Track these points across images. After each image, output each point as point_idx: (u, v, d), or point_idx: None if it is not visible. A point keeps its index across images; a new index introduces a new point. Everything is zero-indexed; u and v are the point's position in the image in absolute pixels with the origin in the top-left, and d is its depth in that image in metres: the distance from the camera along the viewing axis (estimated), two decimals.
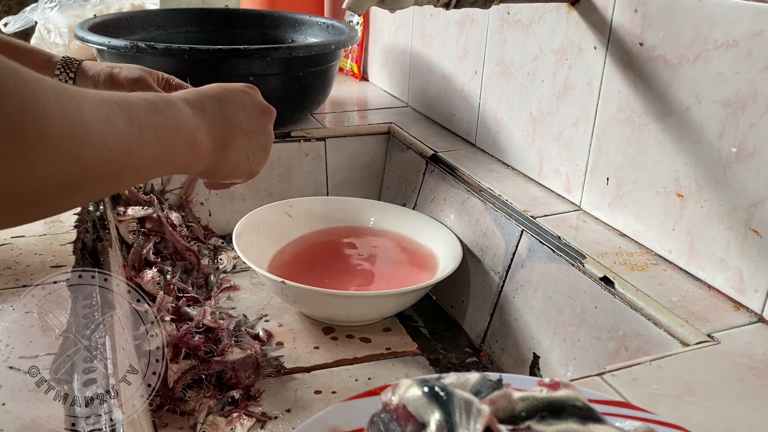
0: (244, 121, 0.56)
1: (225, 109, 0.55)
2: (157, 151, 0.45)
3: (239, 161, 0.57)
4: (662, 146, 0.66)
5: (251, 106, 0.58)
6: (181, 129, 0.49)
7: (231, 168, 0.57)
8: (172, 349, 0.68)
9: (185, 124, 0.49)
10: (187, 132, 0.50)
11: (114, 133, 0.39)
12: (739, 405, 0.47)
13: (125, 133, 0.40)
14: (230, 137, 0.55)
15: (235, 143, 0.55)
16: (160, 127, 0.45)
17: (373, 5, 0.64)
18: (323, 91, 1.09)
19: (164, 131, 0.46)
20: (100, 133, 0.37)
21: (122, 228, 0.85)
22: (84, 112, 0.36)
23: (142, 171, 0.45)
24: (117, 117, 0.40)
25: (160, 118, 0.46)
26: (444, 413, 0.29)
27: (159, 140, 0.45)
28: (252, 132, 0.57)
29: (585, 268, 0.67)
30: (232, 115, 0.55)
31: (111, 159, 0.39)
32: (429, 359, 0.78)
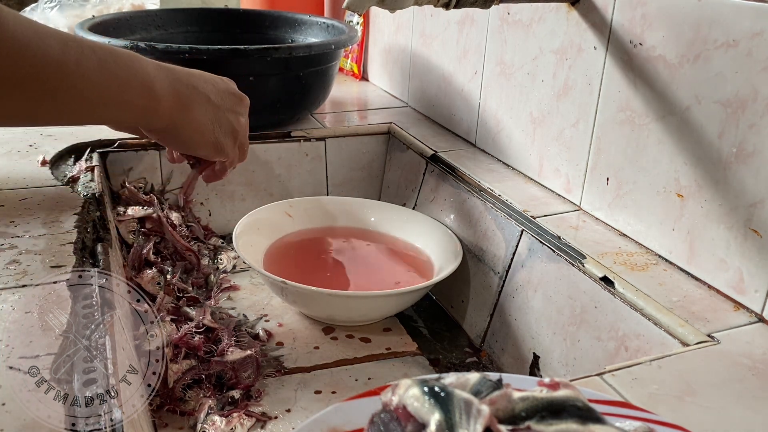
0: (211, 93, 0.60)
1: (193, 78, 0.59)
2: (104, 82, 0.50)
3: (203, 127, 0.59)
4: (662, 146, 0.66)
5: (221, 85, 0.62)
6: (138, 72, 0.53)
7: (194, 131, 0.59)
8: (172, 349, 0.68)
9: (142, 70, 0.53)
10: (144, 77, 0.53)
11: (43, 45, 0.45)
12: (739, 405, 0.47)
13: (57, 50, 0.46)
14: (194, 99, 0.58)
15: (199, 107, 0.58)
16: (109, 62, 0.50)
17: (373, 5, 0.64)
18: (323, 91, 1.09)
19: (113, 67, 0.50)
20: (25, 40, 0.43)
21: (122, 228, 0.85)
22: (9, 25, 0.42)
23: (91, 100, 0.50)
24: (50, 37, 0.46)
25: (110, 56, 0.50)
26: (444, 413, 0.29)
27: (105, 72, 0.49)
28: (219, 105, 0.60)
29: (585, 268, 0.67)
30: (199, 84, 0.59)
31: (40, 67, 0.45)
32: (429, 359, 0.78)
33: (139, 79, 0.53)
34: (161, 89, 0.54)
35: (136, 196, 0.90)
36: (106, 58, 0.50)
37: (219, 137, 0.61)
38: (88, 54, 0.48)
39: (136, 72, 0.53)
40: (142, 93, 0.53)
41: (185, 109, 0.57)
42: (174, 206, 0.97)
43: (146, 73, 0.54)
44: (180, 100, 0.56)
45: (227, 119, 0.62)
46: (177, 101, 0.56)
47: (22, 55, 0.43)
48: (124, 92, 0.52)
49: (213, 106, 0.60)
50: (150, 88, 0.54)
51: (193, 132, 0.59)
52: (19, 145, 0.90)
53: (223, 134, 0.62)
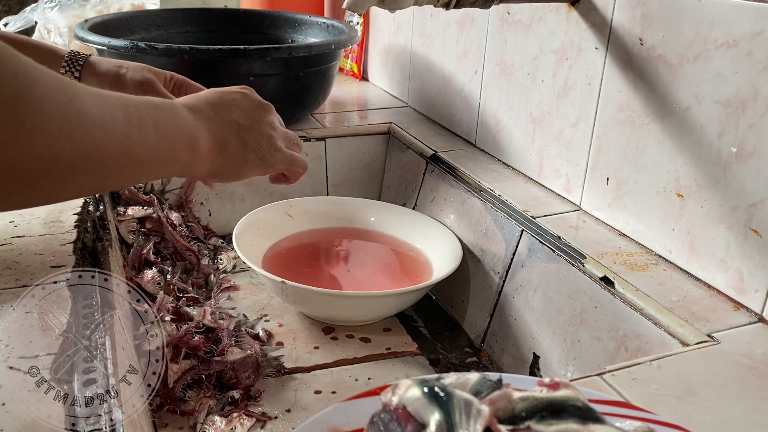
0: (239, 117, 0.58)
1: (220, 110, 0.56)
2: (159, 145, 0.46)
3: (246, 155, 0.58)
4: (662, 146, 0.66)
5: (245, 103, 0.60)
6: (181, 125, 0.50)
7: (239, 163, 0.58)
8: (172, 349, 0.68)
9: (185, 122, 0.51)
10: (187, 129, 0.51)
11: (111, 119, 0.41)
12: (739, 405, 0.47)
13: (122, 121, 0.42)
14: (228, 134, 0.56)
15: (234, 139, 0.57)
16: (160, 121, 0.47)
17: (373, 5, 0.64)
18: (323, 91, 1.09)
19: (164, 125, 0.47)
20: (95, 117, 0.39)
21: (122, 228, 0.85)
22: (80, 97, 0.38)
23: (145, 165, 0.46)
24: (114, 106, 0.41)
25: (159, 114, 0.47)
26: (444, 413, 0.29)
27: (160, 134, 0.46)
28: (250, 126, 0.59)
29: (585, 268, 0.67)
30: (228, 114, 0.57)
31: (108, 144, 0.40)
32: (429, 359, 0.78)
33: (183, 132, 0.50)
34: (201, 137, 0.52)
35: (136, 196, 0.90)
36: (156, 116, 0.46)
37: (263, 155, 0.60)
38: (144, 116, 0.45)
39: (180, 125, 0.50)
40: (187, 147, 0.50)
41: (223, 149, 0.55)
42: (174, 206, 0.97)
43: (187, 124, 0.51)
44: (217, 143, 0.54)
45: (263, 134, 0.60)
46: (214, 143, 0.54)
47: (93, 134, 0.39)
48: (173, 150, 0.49)
49: (245, 129, 0.58)
50: (194, 140, 0.51)
51: (236, 166, 0.58)
52: None
53: (266, 151, 0.60)
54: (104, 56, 0.97)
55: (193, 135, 0.51)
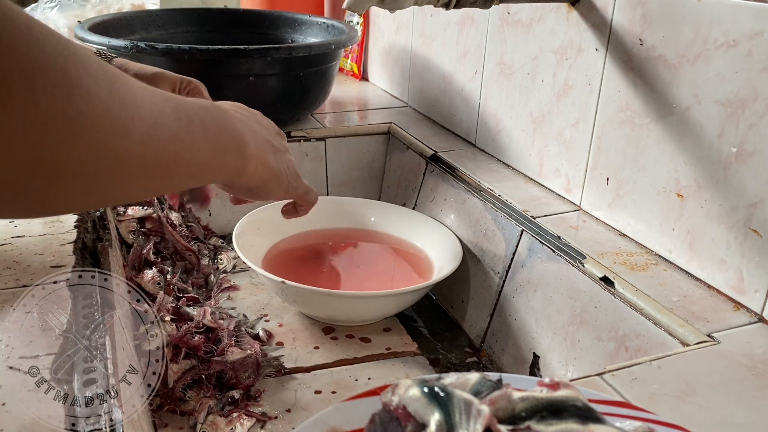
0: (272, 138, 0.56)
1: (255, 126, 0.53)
2: (208, 148, 0.43)
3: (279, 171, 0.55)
4: (662, 146, 0.66)
5: (271, 128, 0.57)
6: (229, 130, 0.47)
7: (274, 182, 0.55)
8: (172, 349, 0.68)
9: (233, 126, 0.48)
10: (236, 135, 0.48)
11: (162, 115, 0.37)
12: (739, 405, 0.47)
13: (173, 118, 0.38)
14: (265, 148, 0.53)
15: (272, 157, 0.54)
16: (209, 123, 0.43)
17: (373, 5, 0.64)
18: (323, 91, 1.09)
19: (214, 128, 0.44)
20: (148, 110, 0.35)
21: (122, 228, 0.85)
22: (133, 89, 0.35)
23: (198, 169, 0.43)
24: (163, 103, 0.38)
25: (207, 114, 0.44)
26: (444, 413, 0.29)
27: (209, 136, 0.43)
28: (279, 149, 0.56)
29: (585, 268, 0.67)
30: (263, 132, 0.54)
31: (161, 141, 0.37)
32: (429, 359, 0.78)
33: (231, 136, 0.47)
34: (249, 145, 0.49)
35: None
36: (204, 116, 0.43)
37: (290, 179, 0.58)
38: (192, 116, 0.41)
39: (228, 130, 0.47)
40: (237, 153, 0.48)
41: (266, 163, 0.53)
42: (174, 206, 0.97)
43: (237, 129, 0.48)
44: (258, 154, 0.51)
45: (287, 160, 0.58)
46: (260, 156, 0.51)
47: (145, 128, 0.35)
48: (222, 154, 0.46)
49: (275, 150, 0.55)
50: (242, 147, 0.48)
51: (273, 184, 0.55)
52: None
53: (292, 176, 0.59)
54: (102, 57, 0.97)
55: (242, 140, 0.48)
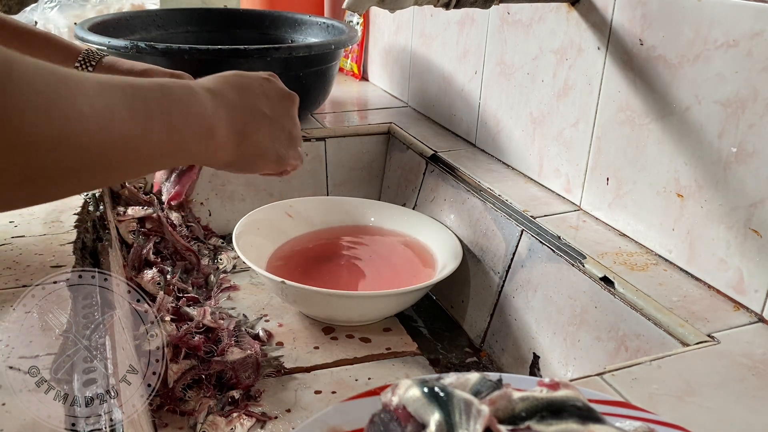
0: (265, 106, 0.55)
1: (245, 95, 0.53)
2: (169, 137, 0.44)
3: (265, 148, 0.55)
4: (662, 146, 0.66)
5: (272, 91, 0.57)
6: (198, 114, 0.47)
7: (257, 155, 0.55)
8: (172, 349, 0.68)
9: (203, 111, 0.48)
10: (205, 118, 0.48)
11: (110, 119, 0.38)
12: (739, 405, 0.47)
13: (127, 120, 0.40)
14: (252, 123, 0.53)
15: (258, 129, 0.54)
16: (173, 112, 0.44)
17: (373, 5, 0.64)
18: (323, 91, 1.09)
19: (178, 116, 0.45)
20: (94, 120, 0.37)
21: (122, 228, 0.85)
22: (77, 99, 0.36)
23: (153, 158, 0.44)
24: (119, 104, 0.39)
25: (173, 104, 0.45)
26: (444, 414, 0.29)
27: (171, 126, 0.44)
28: (274, 117, 0.56)
29: (585, 268, 0.67)
30: (253, 102, 0.54)
31: (108, 145, 0.38)
32: (429, 359, 0.78)
33: (199, 121, 0.47)
34: (220, 125, 0.49)
35: (136, 196, 0.90)
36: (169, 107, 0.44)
37: (280, 151, 0.57)
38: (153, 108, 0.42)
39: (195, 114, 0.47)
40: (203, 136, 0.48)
41: (245, 139, 0.52)
42: (174, 206, 0.97)
43: (206, 112, 0.48)
44: (239, 131, 0.51)
45: (284, 128, 0.57)
46: (236, 134, 0.51)
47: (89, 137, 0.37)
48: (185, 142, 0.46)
49: (269, 119, 0.55)
50: (210, 130, 0.48)
51: (255, 157, 0.55)
52: None
53: (283, 146, 0.57)
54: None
55: (210, 124, 0.48)
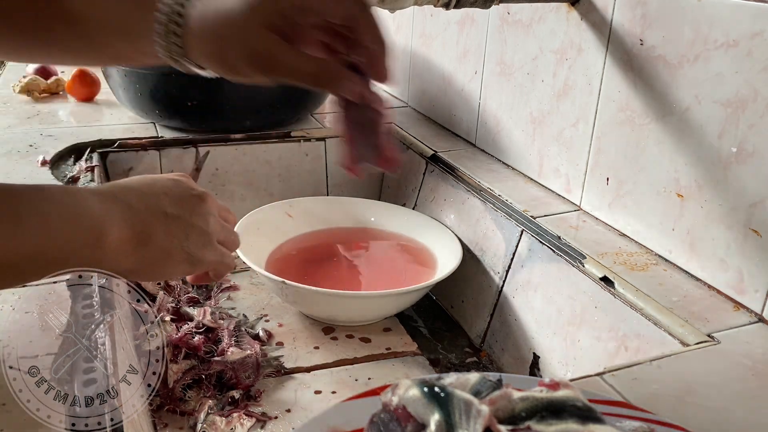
0: (167, 205, 0.51)
1: (145, 197, 0.51)
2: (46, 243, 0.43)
3: (170, 249, 0.51)
4: (662, 146, 0.66)
5: (176, 190, 0.53)
6: (83, 218, 0.45)
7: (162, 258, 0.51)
8: (172, 350, 0.68)
9: (88, 213, 0.46)
10: (91, 222, 0.45)
11: None
12: (739, 405, 0.47)
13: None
14: (153, 224, 0.50)
15: (160, 231, 0.50)
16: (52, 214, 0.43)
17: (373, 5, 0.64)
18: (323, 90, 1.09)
19: (57, 221, 0.43)
20: None
21: None
22: None
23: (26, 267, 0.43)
24: None
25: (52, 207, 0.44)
26: (444, 414, 0.29)
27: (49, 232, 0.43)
28: (180, 216, 0.52)
29: (585, 268, 0.67)
30: (154, 202, 0.51)
31: None
32: (429, 359, 0.78)
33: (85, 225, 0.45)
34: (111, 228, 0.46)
35: None
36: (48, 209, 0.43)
37: (191, 250, 0.53)
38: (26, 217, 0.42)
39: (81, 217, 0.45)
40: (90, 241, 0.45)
41: (146, 242, 0.49)
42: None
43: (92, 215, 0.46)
44: (137, 234, 0.48)
45: (194, 226, 0.53)
46: (133, 236, 0.48)
47: None
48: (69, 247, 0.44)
49: (172, 219, 0.51)
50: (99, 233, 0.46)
51: (160, 260, 0.51)
52: (19, 144, 0.90)
53: (195, 246, 0.53)
54: None
55: (98, 227, 0.46)
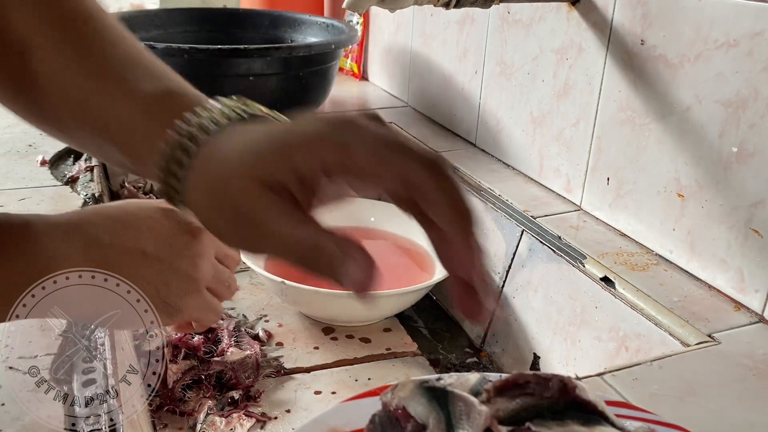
0: (147, 243, 0.43)
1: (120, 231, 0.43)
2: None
3: (145, 295, 0.44)
4: (663, 146, 0.66)
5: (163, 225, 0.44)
6: (31, 262, 0.39)
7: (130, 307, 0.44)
8: (171, 350, 0.68)
9: (41, 253, 0.40)
10: (43, 265, 0.40)
11: None
12: (739, 405, 0.47)
13: None
14: (120, 265, 0.43)
15: (132, 273, 0.43)
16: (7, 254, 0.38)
17: (373, 5, 0.64)
18: (323, 90, 1.09)
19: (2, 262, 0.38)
20: None
21: None
22: None
23: None
24: None
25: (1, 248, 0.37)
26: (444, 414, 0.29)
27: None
28: (160, 258, 0.44)
29: (585, 268, 0.67)
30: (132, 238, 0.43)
31: None
32: (429, 359, 0.78)
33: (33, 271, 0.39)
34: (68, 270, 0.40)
35: (136, 196, 0.90)
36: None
37: (170, 300, 0.44)
38: None
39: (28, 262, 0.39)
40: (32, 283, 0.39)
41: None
42: None
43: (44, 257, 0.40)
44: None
45: (178, 270, 0.44)
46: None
47: None
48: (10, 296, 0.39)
49: (153, 261, 0.43)
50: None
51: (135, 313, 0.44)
52: (18, 144, 0.90)
53: (175, 295, 0.45)
54: None
55: (48, 270, 0.40)
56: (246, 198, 0.33)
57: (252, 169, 0.33)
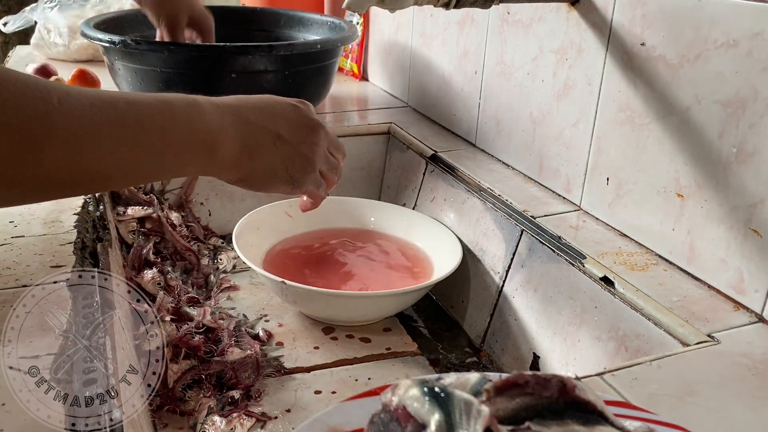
0: (283, 129, 0.56)
1: (263, 115, 0.55)
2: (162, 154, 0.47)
3: (275, 167, 0.56)
4: (662, 146, 0.66)
5: (295, 117, 0.58)
6: (198, 130, 0.49)
7: (265, 175, 0.56)
8: (172, 349, 0.68)
9: (203, 126, 0.50)
10: (207, 133, 0.50)
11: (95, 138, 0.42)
12: (739, 405, 0.47)
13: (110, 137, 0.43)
14: (262, 143, 0.55)
15: (268, 150, 0.55)
16: (168, 128, 0.47)
17: (373, 5, 0.64)
18: (323, 88, 1.09)
19: (173, 133, 0.47)
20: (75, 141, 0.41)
21: (122, 228, 0.85)
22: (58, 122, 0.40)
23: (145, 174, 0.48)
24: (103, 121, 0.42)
25: (168, 121, 0.47)
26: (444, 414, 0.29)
27: (165, 142, 0.47)
28: (292, 141, 0.57)
29: (585, 268, 0.67)
30: (271, 122, 0.55)
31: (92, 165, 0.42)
32: (429, 359, 0.78)
33: (200, 136, 0.49)
34: (225, 140, 0.51)
35: (136, 196, 0.90)
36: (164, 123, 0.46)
37: (294, 174, 0.58)
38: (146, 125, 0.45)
39: (196, 130, 0.49)
40: (203, 151, 0.50)
41: (252, 156, 0.54)
42: (174, 206, 0.97)
43: (208, 127, 0.50)
44: (247, 149, 0.53)
45: (301, 154, 0.58)
46: (243, 150, 0.53)
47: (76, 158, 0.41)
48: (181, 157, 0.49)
49: (284, 143, 0.56)
50: (213, 143, 0.50)
51: (264, 176, 0.56)
52: None
53: (298, 171, 0.58)
54: (109, 54, 0.98)
55: (214, 139, 0.50)
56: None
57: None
